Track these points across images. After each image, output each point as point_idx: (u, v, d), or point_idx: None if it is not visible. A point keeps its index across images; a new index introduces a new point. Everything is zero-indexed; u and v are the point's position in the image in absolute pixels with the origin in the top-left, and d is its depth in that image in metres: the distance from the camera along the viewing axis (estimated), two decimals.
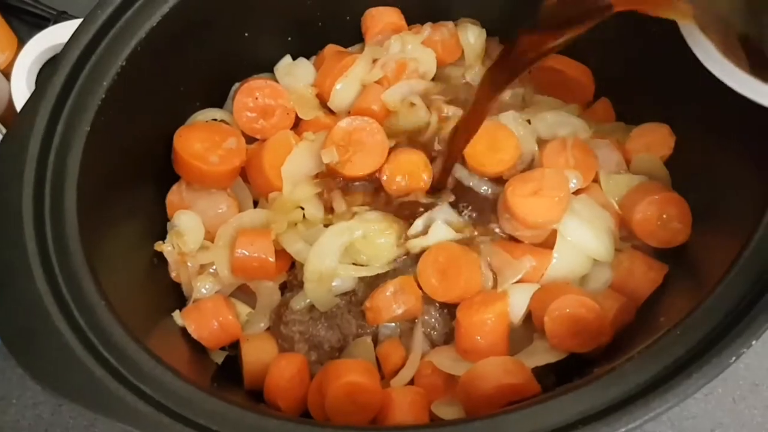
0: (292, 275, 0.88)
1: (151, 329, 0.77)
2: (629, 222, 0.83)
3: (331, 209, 0.89)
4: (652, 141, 0.87)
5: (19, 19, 1.17)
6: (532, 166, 0.88)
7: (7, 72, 1.10)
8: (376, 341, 0.83)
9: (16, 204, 0.70)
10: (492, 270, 0.82)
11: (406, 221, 0.85)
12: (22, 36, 1.14)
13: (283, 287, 0.88)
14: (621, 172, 0.88)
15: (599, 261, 0.83)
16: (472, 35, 1.00)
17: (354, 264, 0.85)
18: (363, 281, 0.84)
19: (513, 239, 0.84)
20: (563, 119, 0.91)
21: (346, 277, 0.84)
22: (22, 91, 1.08)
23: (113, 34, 0.78)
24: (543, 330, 0.77)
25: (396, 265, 0.84)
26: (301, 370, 0.80)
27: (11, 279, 0.67)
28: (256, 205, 0.93)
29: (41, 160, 0.72)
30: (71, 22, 1.10)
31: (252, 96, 0.93)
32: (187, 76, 0.89)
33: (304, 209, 0.88)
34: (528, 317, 0.80)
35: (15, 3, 1.16)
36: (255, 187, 0.93)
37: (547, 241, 0.83)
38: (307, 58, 1.01)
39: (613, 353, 0.75)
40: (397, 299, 0.80)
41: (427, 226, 0.84)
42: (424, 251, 0.82)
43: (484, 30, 1.01)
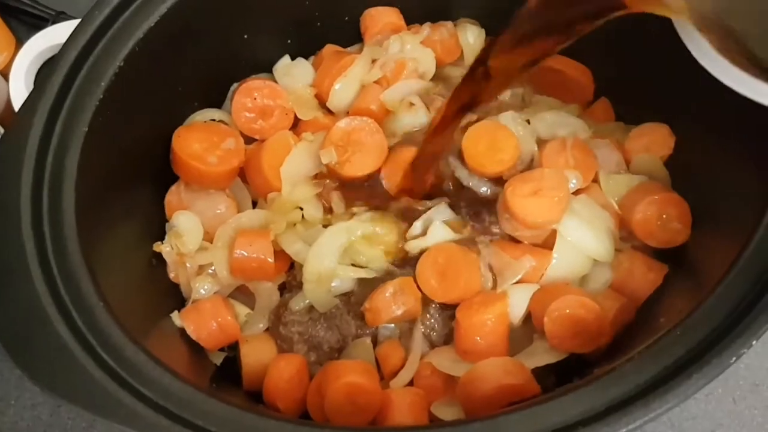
0: (291, 276, 0.88)
1: (149, 330, 0.77)
2: (629, 222, 0.83)
3: (330, 209, 0.89)
4: (652, 141, 0.87)
5: (17, 20, 1.17)
6: (531, 166, 0.88)
7: (5, 72, 1.10)
8: (375, 342, 0.83)
9: (14, 204, 0.70)
10: (491, 270, 0.82)
11: (406, 222, 0.85)
12: (21, 36, 1.14)
13: (282, 288, 0.88)
14: (621, 172, 0.88)
15: (599, 261, 0.83)
16: (472, 35, 1.00)
17: (353, 265, 0.84)
18: (362, 282, 0.84)
19: (512, 240, 0.84)
20: (563, 119, 0.91)
21: (345, 278, 0.84)
22: (20, 91, 1.08)
23: (111, 34, 0.78)
24: (543, 330, 0.76)
25: (395, 266, 0.84)
26: (300, 371, 0.80)
27: (9, 280, 0.67)
28: (254, 205, 0.93)
29: (39, 161, 0.72)
30: (69, 23, 1.10)
31: (251, 96, 0.93)
32: (185, 77, 0.89)
33: (303, 210, 0.88)
34: (528, 318, 0.80)
35: (13, 3, 1.15)
36: (254, 188, 0.92)
37: (546, 242, 0.83)
38: (306, 59, 1.01)
39: (613, 354, 0.75)
40: (397, 300, 0.80)
41: (426, 227, 0.84)
42: (423, 252, 0.82)
43: (483, 30, 1.01)
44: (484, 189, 0.87)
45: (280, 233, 0.86)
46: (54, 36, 1.08)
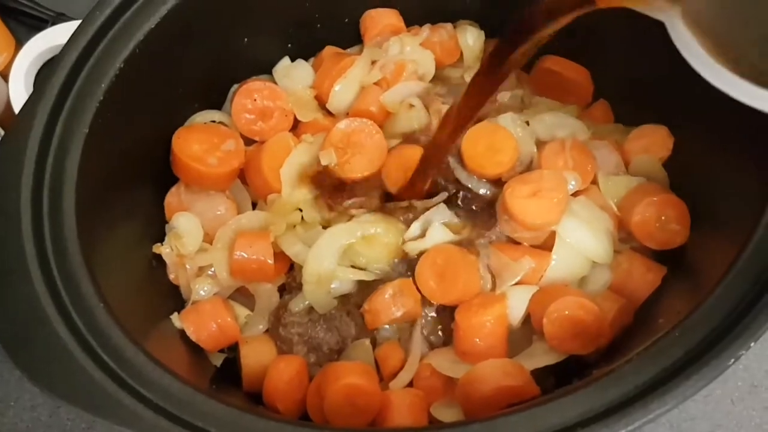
0: (290, 277, 0.88)
1: (149, 331, 0.77)
2: (628, 223, 0.83)
3: (329, 209, 0.89)
4: (651, 142, 0.87)
5: (17, 21, 1.17)
6: (530, 167, 0.88)
7: (5, 73, 1.10)
8: (374, 343, 0.83)
9: (15, 206, 0.70)
10: (491, 272, 0.82)
11: (405, 223, 0.85)
12: (20, 37, 1.14)
13: (282, 289, 0.88)
14: (620, 173, 0.88)
15: (598, 262, 0.83)
16: (471, 37, 1.00)
17: (353, 266, 0.85)
18: (361, 284, 0.84)
19: (512, 241, 0.84)
20: (562, 121, 0.91)
21: (344, 280, 0.84)
22: (20, 92, 1.08)
23: (111, 35, 0.78)
24: (542, 332, 0.77)
25: (394, 268, 0.84)
26: (300, 372, 0.80)
27: (9, 281, 0.67)
28: (254, 207, 0.93)
29: (39, 162, 0.72)
30: (69, 24, 1.10)
31: (251, 98, 0.93)
32: (185, 78, 0.89)
33: (302, 211, 0.88)
34: (527, 319, 0.80)
35: (13, 4, 1.16)
36: (254, 189, 0.93)
37: (545, 243, 0.83)
38: (306, 60, 1.01)
39: (612, 355, 0.75)
40: (396, 302, 0.80)
41: (425, 228, 0.84)
42: (422, 254, 0.82)
43: (482, 32, 1.01)
44: (483, 190, 0.87)
45: (279, 235, 0.86)
46: (54, 37, 1.09)
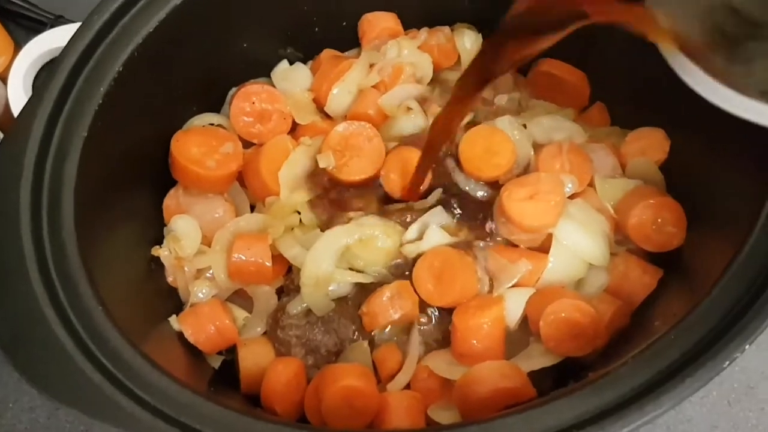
0: (288, 279, 0.88)
1: (147, 334, 0.77)
2: (624, 226, 0.83)
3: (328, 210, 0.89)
4: (647, 145, 0.88)
5: (15, 23, 1.17)
6: (527, 170, 0.88)
7: (3, 76, 1.10)
8: (372, 345, 0.83)
9: (14, 208, 0.70)
10: (488, 274, 0.82)
11: (403, 225, 0.86)
12: (19, 40, 1.14)
13: (280, 292, 0.88)
14: (616, 176, 0.88)
15: (595, 265, 0.83)
16: (468, 40, 1.00)
17: (350, 269, 0.85)
18: (359, 286, 0.84)
19: (509, 243, 0.84)
20: (559, 124, 0.92)
21: (342, 282, 0.84)
22: (19, 95, 1.08)
23: (110, 39, 0.78)
24: (539, 334, 0.77)
25: (392, 270, 0.84)
26: (298, 374, 0.80)
27: (8, 282, 0.67)
28: (252, 209, 0.93)
29: (38, 165, 0.73)
30: (68, 27, 1.10)
31: (249, 101, 0.93)
32: (184, 81, 0.90)
33: (300, 214, 0.89)
34: (524, 321, 0.81)
35: (12, 7, 1.16)
36: (252, 192, 0.93)
37: (542, 246, 0.83)
38: (304, 63, 1.01)
39: (609, 357, 0.75)
40: (394, 304, 0.80)
41: (422, 231, 0.84)
42: (419, 256, 0.83)
43: (480, 35, 1.01)
44: (481, 193, 0.88)
45: (278, 237, 0.86)
46: (52, 40, 1.09)
